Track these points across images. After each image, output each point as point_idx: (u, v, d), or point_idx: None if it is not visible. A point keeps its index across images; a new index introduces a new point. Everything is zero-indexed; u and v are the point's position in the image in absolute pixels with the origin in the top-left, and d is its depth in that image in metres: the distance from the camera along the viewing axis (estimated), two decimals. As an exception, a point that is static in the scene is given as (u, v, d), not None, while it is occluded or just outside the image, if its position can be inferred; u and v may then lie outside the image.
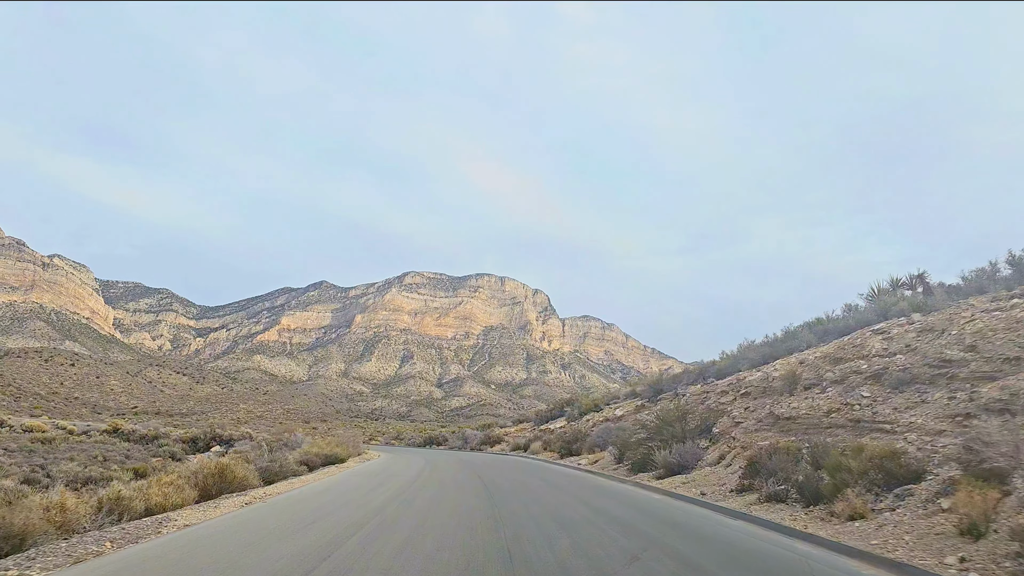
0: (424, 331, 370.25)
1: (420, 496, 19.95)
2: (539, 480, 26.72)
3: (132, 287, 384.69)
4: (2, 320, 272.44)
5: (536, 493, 21.22)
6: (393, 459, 44.63)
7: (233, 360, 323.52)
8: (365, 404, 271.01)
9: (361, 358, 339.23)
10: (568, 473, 31.61)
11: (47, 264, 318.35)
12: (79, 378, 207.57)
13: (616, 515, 16.12)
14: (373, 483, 24.54)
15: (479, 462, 41.31)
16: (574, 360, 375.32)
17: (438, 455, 55.72)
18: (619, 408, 49.91)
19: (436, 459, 45.50)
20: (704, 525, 14.95)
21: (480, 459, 46.75)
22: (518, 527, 13.75)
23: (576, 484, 25.10)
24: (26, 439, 46.64)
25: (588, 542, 12.04)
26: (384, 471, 31.43)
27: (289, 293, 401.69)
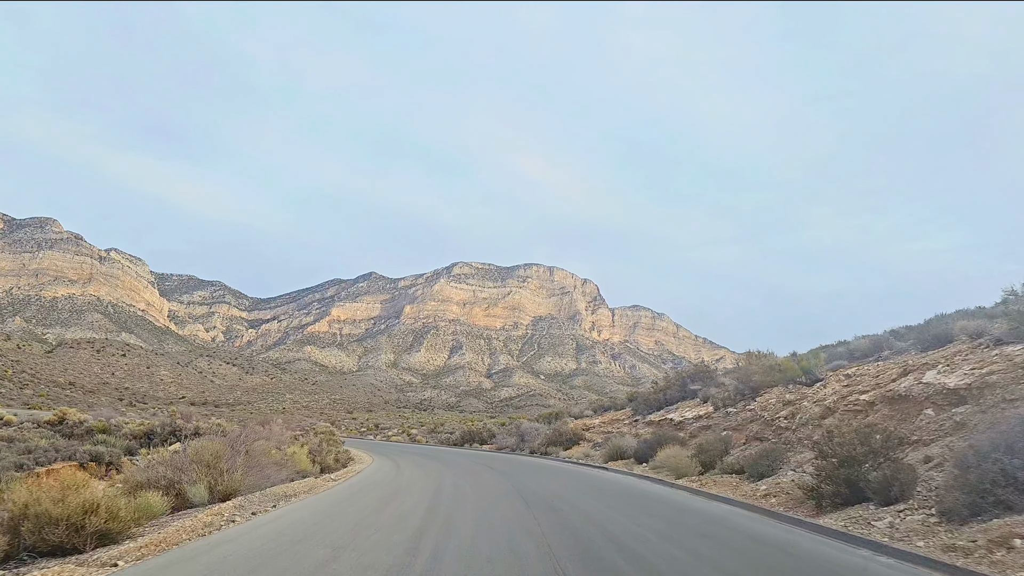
0: (473, 321, 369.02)
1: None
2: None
3: (186, 280, 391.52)
4: (62, 312, 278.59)
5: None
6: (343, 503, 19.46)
7: (284, 351, 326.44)
8: (414, 395, 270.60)
9: (410, 349, 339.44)
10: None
11: (104, 258, 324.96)
12: (130, 369, 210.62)
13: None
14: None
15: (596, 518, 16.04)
16: (624, 350, 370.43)
17: (468, 473, 30.05)
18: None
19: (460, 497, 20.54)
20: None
21: (584, 499, 19.98)
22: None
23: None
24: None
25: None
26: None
27: (339, 284, 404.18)
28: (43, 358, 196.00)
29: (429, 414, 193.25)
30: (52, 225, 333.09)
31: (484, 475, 28.65)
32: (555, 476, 28.58)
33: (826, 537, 13.18)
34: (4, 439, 29.59)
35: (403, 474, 29.03)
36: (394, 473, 29.51)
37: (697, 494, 20.99)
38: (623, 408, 49.97)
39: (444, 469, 31.79)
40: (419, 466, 33.98)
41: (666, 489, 22.78)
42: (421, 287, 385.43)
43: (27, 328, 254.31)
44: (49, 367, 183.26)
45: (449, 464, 35.72)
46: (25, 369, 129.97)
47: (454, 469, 32.01)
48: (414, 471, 30.50)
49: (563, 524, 14.68)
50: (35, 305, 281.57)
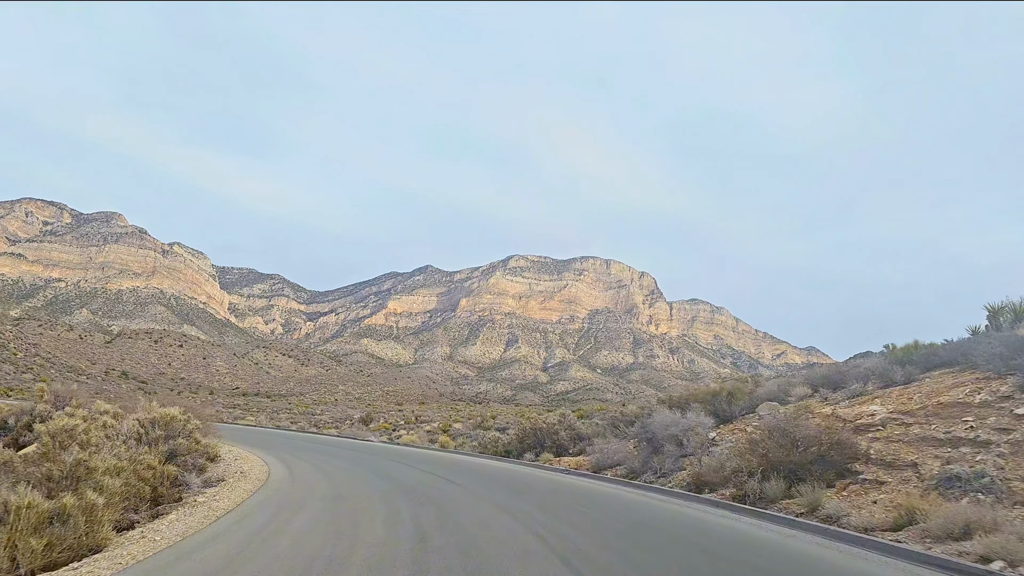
0: (529, 315, 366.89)
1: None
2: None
3: (246, 273, 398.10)
4: (127, 305, 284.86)
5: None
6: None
7: (341, 343, 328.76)
8: (470, 387, 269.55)
9: (466, 342, 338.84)
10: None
11: (167, 251, 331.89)
12: (186, 359, 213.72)
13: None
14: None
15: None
16: (682, 344, 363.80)
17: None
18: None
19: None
20: None
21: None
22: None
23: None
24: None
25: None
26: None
27: (395, 277, 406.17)
28: (102, 348, 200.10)
29: (484, 407, 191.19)
30: (117, 219, 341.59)
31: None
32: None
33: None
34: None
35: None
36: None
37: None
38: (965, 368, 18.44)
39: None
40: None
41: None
42: (477, 280, 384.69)
43: (93, 320, 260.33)
44: (107, 356, 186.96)
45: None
46: (51, 353, 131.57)
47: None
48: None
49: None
50: (101, 297, 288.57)
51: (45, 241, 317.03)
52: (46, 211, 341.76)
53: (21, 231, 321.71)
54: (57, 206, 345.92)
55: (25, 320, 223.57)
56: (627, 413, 32.50)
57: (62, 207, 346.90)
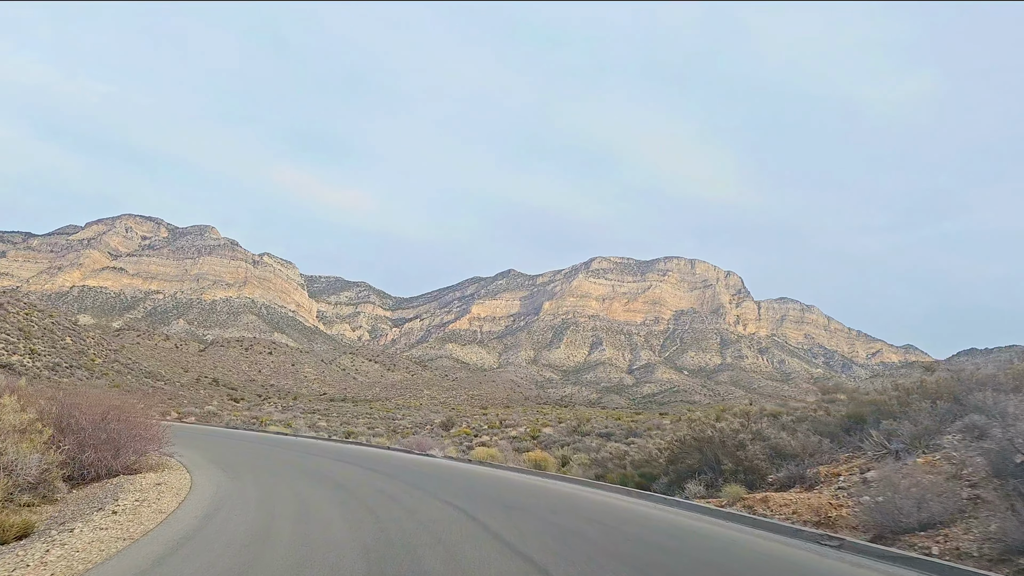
0: (613, 316, 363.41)
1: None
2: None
3: (333, 281, 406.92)
4: (220, 314, 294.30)
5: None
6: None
7: (426, 349, 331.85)
8: (555, 391, 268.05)
9: (550, 345, 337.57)
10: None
11: (257, 261, 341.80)
12: (276, 366, 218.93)
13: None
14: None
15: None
16: (772, 344, 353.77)
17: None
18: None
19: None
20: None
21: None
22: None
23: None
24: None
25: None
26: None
27: (479, 282, 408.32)
28: (196, 356, 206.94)
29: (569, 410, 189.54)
30: (210, 232, 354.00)
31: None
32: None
33: None
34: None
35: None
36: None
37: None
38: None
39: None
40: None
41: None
42: (559, 283, 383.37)
43: (189, 329, 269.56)
44: (200, 364, 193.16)
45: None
46: (131, 359, 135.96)
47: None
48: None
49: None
50: (196, 308, 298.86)
51: (144, 255, 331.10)
52: (144, 226, 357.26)
53: (122, 246, 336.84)
54: (154, 221, 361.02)
55: (125, 331, 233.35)
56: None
57: (159, 222, 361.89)
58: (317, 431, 42.79)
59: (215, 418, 43.19)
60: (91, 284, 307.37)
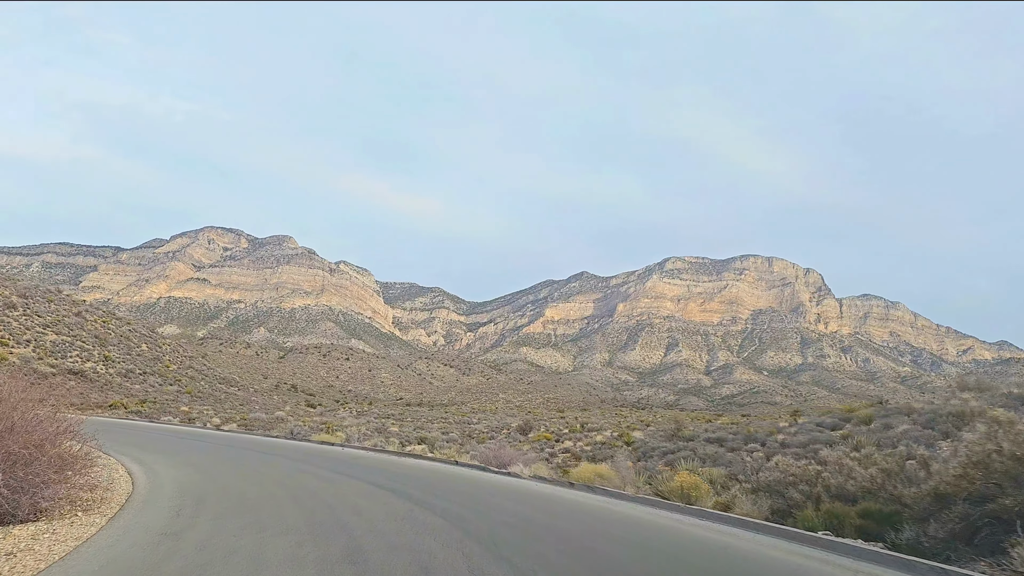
0: (688, 317, 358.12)
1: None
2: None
3: (408, 287, 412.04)
4: (299, 322, 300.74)
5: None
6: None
7: (501, 352, 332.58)
8: (631, 393, 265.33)
9: (625, 347, 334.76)
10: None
11: (334, 269, 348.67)
12: (353, 372, 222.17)
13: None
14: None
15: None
16: (855, 342, 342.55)
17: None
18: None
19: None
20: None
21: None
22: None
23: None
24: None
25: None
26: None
27: (551, 285, 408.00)
28: (276, 363, 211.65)
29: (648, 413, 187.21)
30: (288, 242, 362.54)
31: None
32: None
33: None
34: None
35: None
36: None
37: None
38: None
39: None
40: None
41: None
42: (633, 284, 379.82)
43: (270, 337, 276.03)
44: (279, 371, 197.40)
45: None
46: (205, 366, 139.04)
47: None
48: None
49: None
50: (276, 316, 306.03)
51: (225, 266, 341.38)
52: (225, 238, 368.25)
53: (204, 257, 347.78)
54: (235, 232, 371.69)
55: (209, 340, 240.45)
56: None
57: (239, 233, 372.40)
58: (385, 437, 40.90)
59: (280, 424, 41.99)
60: (176, 295, 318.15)
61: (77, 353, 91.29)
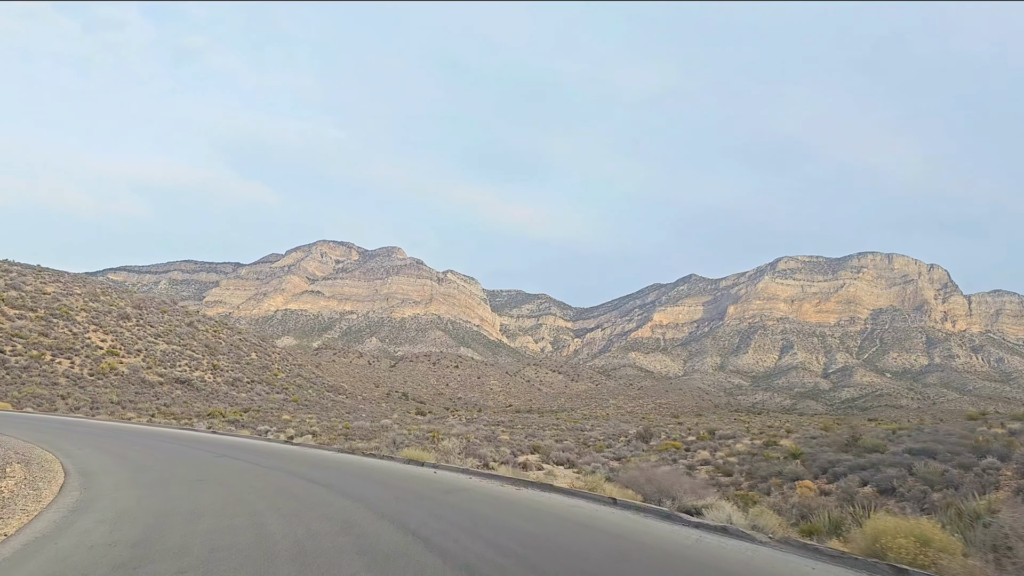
0: (803, 318, 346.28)
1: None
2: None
3: (514, 294, 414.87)
4: (409, 331, 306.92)
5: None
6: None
7: (609, 358, 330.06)
8: (745, 398, 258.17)
9: (737, 350, 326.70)
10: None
11: (442, 279, 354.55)
12: (462, 379, 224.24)
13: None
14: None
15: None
16: (987, 341, 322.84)
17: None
18: None
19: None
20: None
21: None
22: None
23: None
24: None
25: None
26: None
27: (659, 289, 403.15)
28: (387, 372, 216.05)
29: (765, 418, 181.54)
30: (397, 253, 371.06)
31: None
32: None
33: None
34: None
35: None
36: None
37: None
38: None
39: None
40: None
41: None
42: (744, 286, 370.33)
43: (381, 347, 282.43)
44: (390, 379, 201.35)
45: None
46: (314, 375, 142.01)
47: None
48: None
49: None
50: (387, 326, 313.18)
51: (338, 278, 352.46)
52: (337, 251, 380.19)
53: (318, 270, 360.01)
54: (346, 245, 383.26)
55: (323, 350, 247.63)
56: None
57: (350, 246, 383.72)
58: (495, 446, 38.97)
59: (382, 433, 40.76)
60: (292, 308, 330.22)
61: (186, 362, 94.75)
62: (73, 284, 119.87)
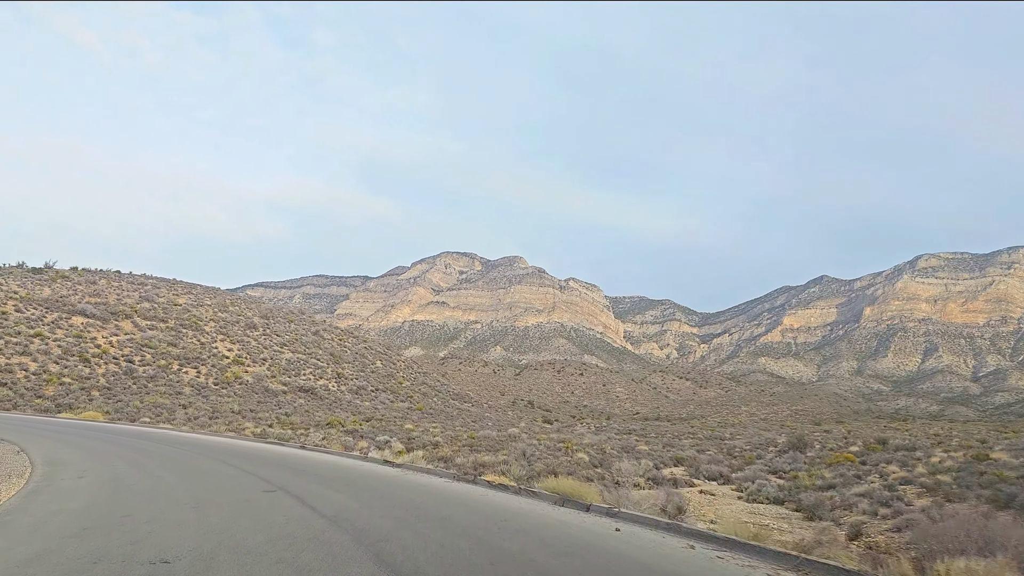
0: (947, 319, 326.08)
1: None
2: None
3: (637, 301, 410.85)
4: (532, 339, 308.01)
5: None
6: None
7: (737, 364, 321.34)
8: (886, 403, 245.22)
9: (875, 354, 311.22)
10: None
11: (563, 286, 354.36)
12: (587, 387, 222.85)
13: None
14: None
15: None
16: None
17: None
18: None
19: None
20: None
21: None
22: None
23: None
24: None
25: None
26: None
27: (788, 292, 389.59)
28: (512, 380, 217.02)
29: (921, 425, 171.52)
30: (519, 262, 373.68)
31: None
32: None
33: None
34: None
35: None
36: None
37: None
38: None
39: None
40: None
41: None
42: (880, 286, 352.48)
43: (506, 355, 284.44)
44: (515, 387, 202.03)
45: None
46: (439, 382, 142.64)
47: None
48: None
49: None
50: (511, 335, 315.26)
51: (462, 288, 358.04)
52: (460, 261, 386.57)
53: (442, 281, 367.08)
54: (468, 256, 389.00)
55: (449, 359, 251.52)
56: None
57: (473, 256, 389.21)
58: (636, 458, 34.35)
59: (511, 444, 37.58)
60: (419, 318, 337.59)
61: (311, 371, 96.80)
62: (204, 295, 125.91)
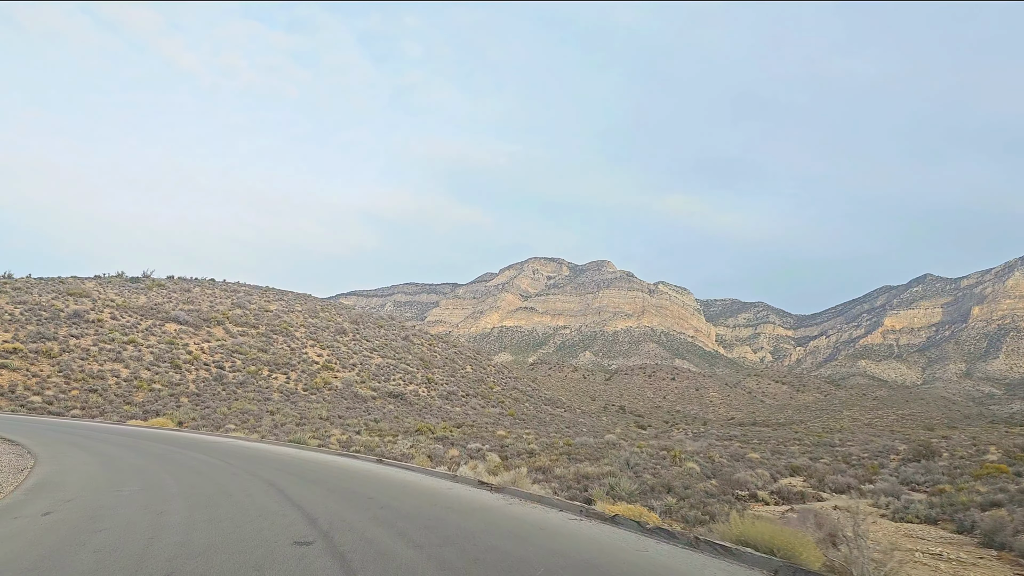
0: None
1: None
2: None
3: (729, 304, 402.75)
4: (622, 344, 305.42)
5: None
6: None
7: (836, 367, 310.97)
8: (999, 408, 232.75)
9: (985, 355, 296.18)
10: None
11: (653, 290, 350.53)
12: (680, 391, 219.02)
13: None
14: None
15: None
16: None
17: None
18: None
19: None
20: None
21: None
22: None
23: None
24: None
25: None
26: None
27: (889, 292, 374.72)
28: (602, 385, 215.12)
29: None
30: (607, 267, 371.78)
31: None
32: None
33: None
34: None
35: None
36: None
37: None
38: None
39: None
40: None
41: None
42: (990, 284, 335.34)
43: (595, 360, 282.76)
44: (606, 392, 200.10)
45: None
46: (531, 388, 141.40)
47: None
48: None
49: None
50: (600, 340, 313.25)
51: (550, 294, 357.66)
52: (548, 267, 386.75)
53: (530, 287, 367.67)
54: (556, 262, 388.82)
55: (538, 364, 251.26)
56: None
57: (560, 262, 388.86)
58: (752, 467, 30.67)
59: (611, 451, 34.97)
60: (508, 324, 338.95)
61: (400, 376, 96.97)
62: (295, 302, 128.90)
